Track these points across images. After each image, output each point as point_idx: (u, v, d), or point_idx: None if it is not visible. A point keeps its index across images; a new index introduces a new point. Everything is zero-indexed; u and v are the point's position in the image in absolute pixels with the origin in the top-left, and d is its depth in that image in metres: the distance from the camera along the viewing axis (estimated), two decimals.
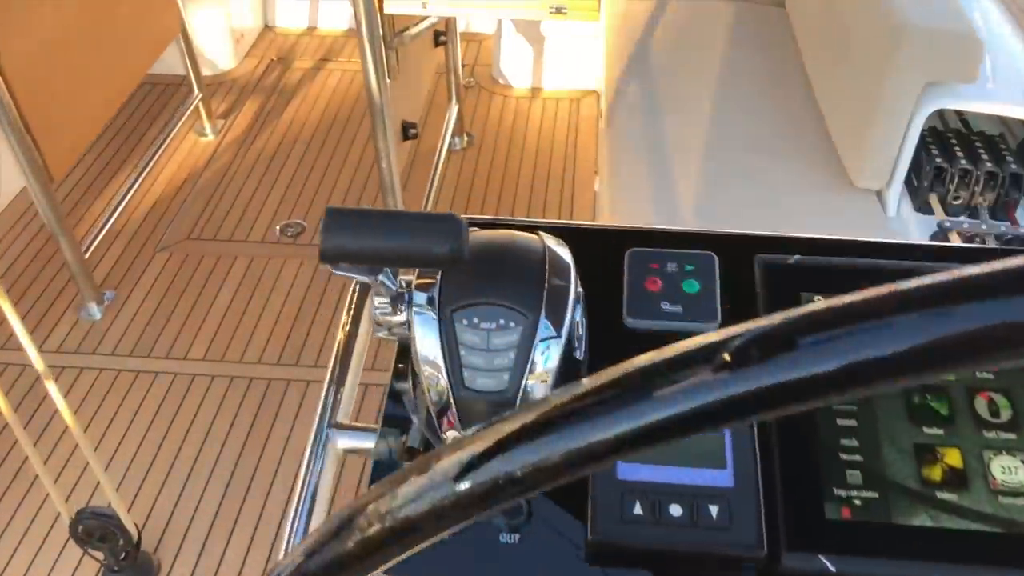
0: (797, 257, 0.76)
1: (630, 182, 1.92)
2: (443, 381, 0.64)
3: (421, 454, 0.70)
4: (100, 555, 1.69)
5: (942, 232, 1.66)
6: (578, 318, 0.68)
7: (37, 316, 2.33)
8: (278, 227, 2.58)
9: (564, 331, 0.64)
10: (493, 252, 0.67)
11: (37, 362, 1.43)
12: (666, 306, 0.74)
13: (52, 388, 1.47)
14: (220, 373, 2.17)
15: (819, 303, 0.29)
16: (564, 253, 0.69)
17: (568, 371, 0.66)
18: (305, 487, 0.72)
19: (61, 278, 2.42)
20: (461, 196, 2.68)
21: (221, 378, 2.16)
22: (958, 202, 1.72)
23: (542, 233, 0.71)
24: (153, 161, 2.74)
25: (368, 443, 0.74)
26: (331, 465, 0.74)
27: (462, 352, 0.63)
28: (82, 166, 2.80)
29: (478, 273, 0.65)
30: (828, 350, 0.28)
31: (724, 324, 0.73)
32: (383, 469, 0.71)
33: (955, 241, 1.63)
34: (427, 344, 0.64)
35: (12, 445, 1.97)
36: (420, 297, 0.65)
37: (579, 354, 0.68)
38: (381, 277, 0.64)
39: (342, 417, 0.77)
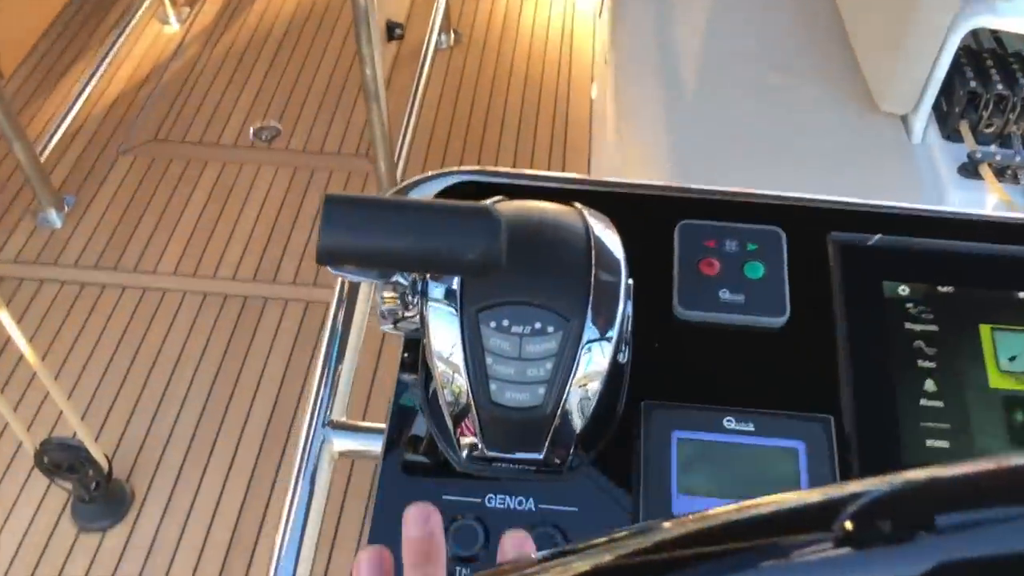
0: (879, 237, 0.65)
1: (633, 95, 1.77)
2: (461, 382, 0.53)
3: (426, 446, 0.59)
4: (69, 485, 1.60)
5: (972, 163, 1.55)
6: (628, 313, 0.57)
7: None
8: (251, 130, 2.40)
9: (614, 333, 0.53)
10: (525, 235, 0.54)
11: None
12: (725, 294, 0.63)
13: (3, 316, 1.35)
14: (192, 289, 2.05)
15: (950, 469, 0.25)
16: (611, 236, 0.57)
17: (613, 380, 0.55)
18: (296, 497, 0.62)
19: (15, 182, 2.24)
20: (448, 100, 2.50)
21: (193, 295, 2.04)
22: (990, 130, 1.60)
23: (582, 208, 0.59)
24: (112, 52, 2.52)
25: (372, 445, 0.64)
26: (326, 470, 0.64)
27: (488, 361, 0.52)
28: (33, 58, 2.56)
29: (508, 262, 0.53)
30: (977, 536, 0.23)
31: (793, 319, 0.62)
32: (392, 474, 0.60)
33: (986, 173, 1.52)
34: (444, 341, 0.53)
35: None
36: (437, 290, 0.54)
37: (623, 356, 0.58)
38: (397, 277, 0.52)
39: (338, 414, 0.66)
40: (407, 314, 0.57)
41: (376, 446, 0.62)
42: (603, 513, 0.55)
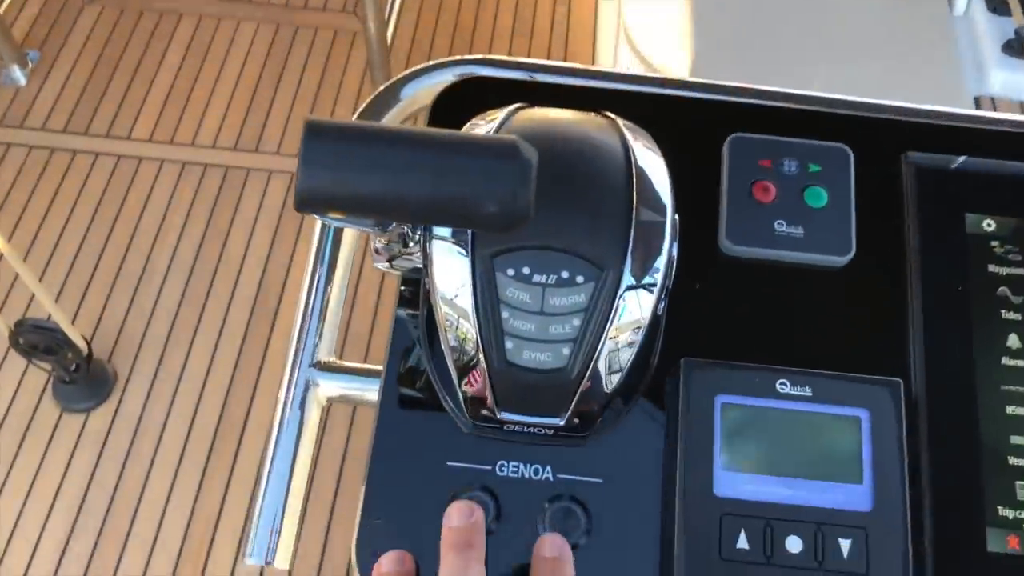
0: (963, 159, 0.55)
1: None
2: (470, 332, 0.45)
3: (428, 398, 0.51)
4: (48, 366, 1.54)
5: (1019, 40, 1.42)
6: (674, 255, 0.48)
7: None
8: None
9: (657, 282, 0.45)
10: (552, 161, 0.45)
11: None
12: (782, 226, 0.53)
13: None
14: (170, 157, 1.92)
15: None
16: (655, 161, 0.47)
17: (650, 333, 0.47)
18: (278, 445, 0.55)
19: None
20: None
21: (171, 163, 1.91)
22: None
23: (619, 123, 0.48)
24: None
25: (367, 390, 0.56)
26: (313, 415, 0.56)
27: (504, 314, 0.44)
28: None
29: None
30: None
31: (859, 257, 0.53)
32: (393, 408, 0.51)
33: None
34: (451, 285, 0.45)
35: None
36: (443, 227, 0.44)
37: (663, 305, 0.49)
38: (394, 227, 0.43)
39: (325, 355, 0.57)
40: (406, 251, 0.48)
41: (371, 392, 0.54)
42: (631, 487, 0.48)
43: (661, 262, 0.45)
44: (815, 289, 0.52)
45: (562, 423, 0.46)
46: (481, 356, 0.45)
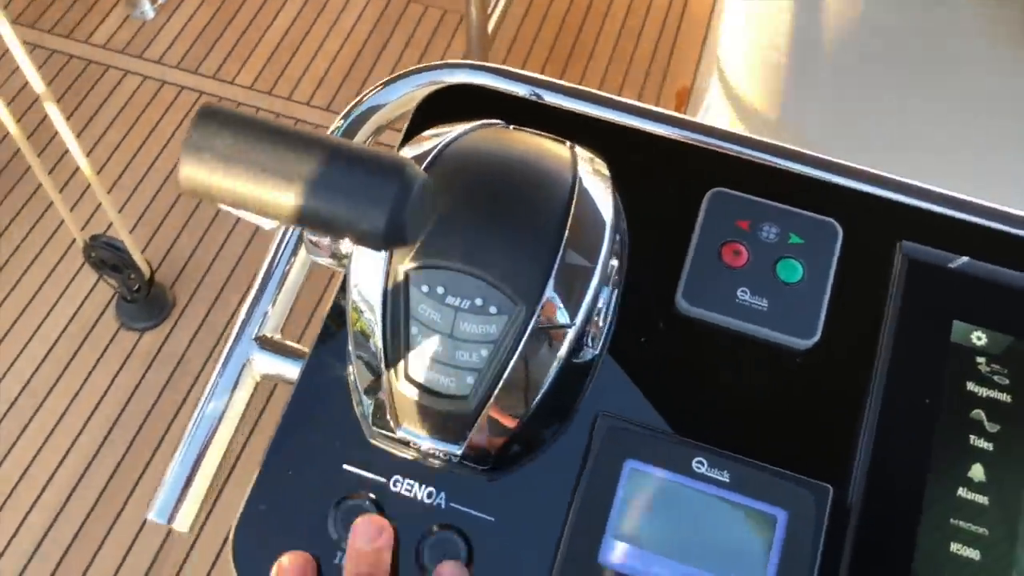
0: (965, 260, 0.51)
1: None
2: (376, 337, 0.44)
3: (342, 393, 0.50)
4: (114, 283, 1.63)
5: None
6: (601, 305, 0.46)
7: (85, 5, 2.13)
8: None
9: (575, 327, 0.44)
10: (492, 182, 0.44)
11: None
12: (745, 295, 0.50)
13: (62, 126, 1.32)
14: (265, 107, 2.00)
15: None
16: (604, 198, 0.46)
17: (568, 377, 0.46)
18: (202, 412, 0.54)
19: None
20: None
21: (266, 113, 1.99)
22: None
23: (578, 152, 0.47)
24: None
25: (292, 370, 0.55)
26: (244, 388, 0.56)
27: (413, 330, 0.43)
28: None
29: (456, 212, 0.43)
30: None
31: (823, 345, 0.49)
32: (307, 398, 0.50)
33: None
34: (365, 286, 0.44)
35: (52, 145, 1.87)
36: None
37: (589, 352, 0.48)
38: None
39: (270, 331, 0.57)
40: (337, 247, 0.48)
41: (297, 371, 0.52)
42: (520, 533, 0.45)
43: (583, 308, 0.44)
44: (767, 369, 0.49)
45: (459, 452, 0.45)
46: (383, 367, 0.43)
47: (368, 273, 0.43)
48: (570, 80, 0.67)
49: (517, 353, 0.42)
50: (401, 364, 0.43)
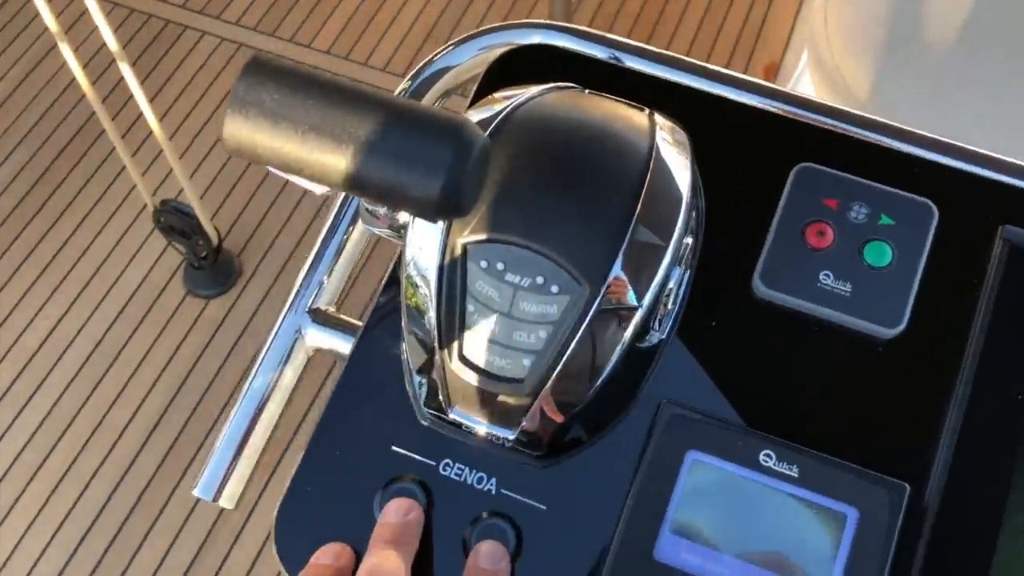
0: None
1: None
2: (431, 314, 0.42)
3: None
4: (183, 249, 1.64)
5: None
6: (672, 285, 0.42)
7: None
8: None
9: (643, 309, 0.40)
10: (561, 150, 0.41)
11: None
12: (828, 279, 0.45)
13: (134, 87, 1.31)
14: (342, 72, 1.97)
15: None
16: (682, 171, 0.42)
17: (633, 362, 0.42)
18: (251, 385, 0.53)
19: None
20: None
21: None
22: None
23: (657, 119, 0.43)
24: None
25: (346, 345, 0.53)
26: (296, 362, 0.54)
27: (469, 307, 0.40)
28: None
29: (521, 182, 0.40)
30: None
31: (910, 333, 0.45)
32: (358, 375, 0.49)
33: None
34: (420, 260, 0.42)
35: (126, 109, 1.88)
36: None
37: (657, 335, 0.44)
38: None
39: (324, 303, 0.55)
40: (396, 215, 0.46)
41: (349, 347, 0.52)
42: (573, 523, 0.43)
43: (652, 290, 0.40)
44: (847, 358, 0.45)
45: (512, 437, 0.42)
46: (437, 346, 0.41)
47: (424, 245, 0.41)
48: None
49: (578, 336, 0.39)
50: (456, 343, 0.41)
